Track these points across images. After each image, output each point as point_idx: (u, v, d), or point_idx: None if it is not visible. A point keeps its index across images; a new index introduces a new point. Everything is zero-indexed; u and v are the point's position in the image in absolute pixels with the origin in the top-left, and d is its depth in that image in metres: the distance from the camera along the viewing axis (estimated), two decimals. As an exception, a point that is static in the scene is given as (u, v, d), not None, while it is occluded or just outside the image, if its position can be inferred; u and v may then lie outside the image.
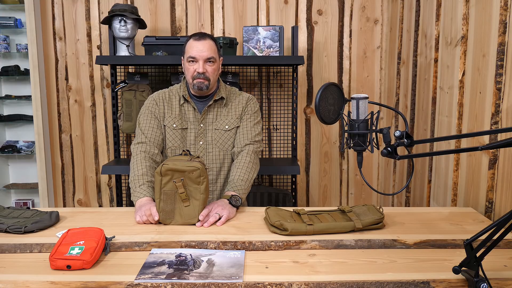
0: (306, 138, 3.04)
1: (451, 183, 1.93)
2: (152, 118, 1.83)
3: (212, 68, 1.75)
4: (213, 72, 1.76)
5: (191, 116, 1.84)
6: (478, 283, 0.98)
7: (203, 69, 1.73)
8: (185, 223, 1.44)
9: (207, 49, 1.73)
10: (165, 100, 1.85)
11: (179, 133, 1.83)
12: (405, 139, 1.09)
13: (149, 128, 1.81)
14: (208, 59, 1.73)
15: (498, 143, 0.92)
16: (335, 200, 3.11)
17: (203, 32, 1.79)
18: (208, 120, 1.84)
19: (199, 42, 1.73)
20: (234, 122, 1.86)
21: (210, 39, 1.76)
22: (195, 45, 1.73)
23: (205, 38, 1.75)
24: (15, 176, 3.12)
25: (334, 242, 1.29)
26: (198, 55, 1.72)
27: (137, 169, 1.68)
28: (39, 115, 2.86)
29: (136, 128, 1.85)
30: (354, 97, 1.17)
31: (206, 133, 1.84)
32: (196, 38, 1.75)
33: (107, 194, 3.11)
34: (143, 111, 1.86)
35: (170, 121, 1.83)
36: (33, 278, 1.08)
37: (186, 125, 1.84)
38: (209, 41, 1.75)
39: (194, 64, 1.74)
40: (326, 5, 2.92)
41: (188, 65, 1.76)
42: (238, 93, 1.92)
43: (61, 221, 1.49)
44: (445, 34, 2.04)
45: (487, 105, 1.63)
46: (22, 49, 2.94)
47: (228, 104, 1.87)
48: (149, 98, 1.89)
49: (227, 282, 1.06)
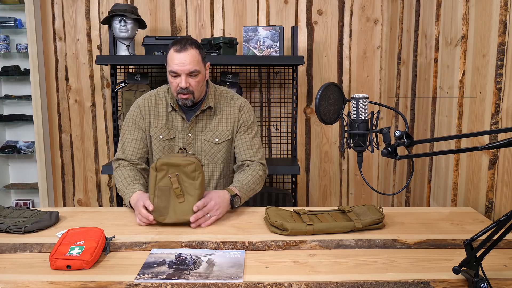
0: (306, 138, 3.04)
1: (451, 183, 1.93)
2: (136, 130, 1.74)
3: (195, 81, 1.64)
4: (197, 84, 1.66)
5: (179, 125, 1.75)
6: (478, 283, 0.98)
7: (186, 84, 1.62)
8: (179, 220, 1.41)
9: (189, 61, 1.60)
10: (151, 108, 1.75)
11: (166, 144, 1.75)
12: (405, 139, 1.09)
13: (131, 142, 1.73)
14: (190, 72, 1.62)
15: (498, 143, 0.92)
16: (335, 200, 3.11)
17: (185, 39, 1.65)
18: (197, 129, 1.75)
19: (181, 54, 1.60)
20: (225, 134, 1.76)
21: (193, 47, 1.63)
22: (176, 57, 1.61)
23: (187, 48, 1.61)
24: (15, 176, 3.12)
25: (334, 242, 1.29)
26: (179, 69, 1.61)
27: (120, 177, 1.66)
28: (39, 115, 2.86)
29: (120, 138, 1.77)
30: (354, 97, 1.17)
31: (195, 143, 1.76)
32: (177, 48, 1.61)
33: (107, 194, 3.11)
34: (127, 121, 1.77)
35: (156, 131, 1.74)
36: (33, 278, 1.08)
37: (174, 134, 1.75)
38: (191, 51, 1.61)
39: (176, 78, 1.64)
40: (326, 5, 2.92)
41: (171, 79, 1.66)
42: (230, 96, 1.80)
43: (61, 221, 1.49)
44: (445, 34, 2.04)
45: (487, 105, 1.63)
46: (22, 49, 2.94)
47: (217, 112, 1.77)
48: (134, 104, 1.79)
49: (227, 282, 1.06)
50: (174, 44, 1.64)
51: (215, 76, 2.93)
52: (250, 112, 1.81)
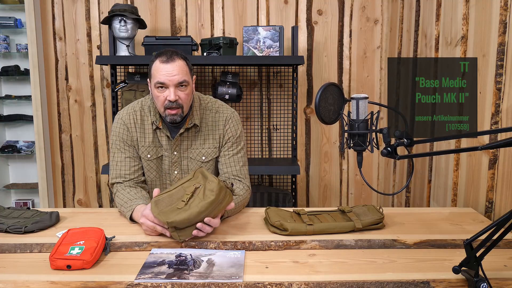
0: (306, 138, 3.04)
1: (451, 183, 1.93)
2: (126, 148, 1.63)
3: (185, 94, 1.53)
4: (187, 97, 1.54)
5: (164, 143, 1.64)
6: (478, 283, 0.98)
7: (175, 96, 1.50)
8: (164, 218, 1.26)
9: (177, 71, 1.49)
10: (137, 124, 1.63)
11: (154, 164, 1.65)
12: (405, 139, 1.09)
13: (124, 161, 1.62)
14: (180, 83, 1.50)
15: (498, 143, 0.92)
16: (335, 200, 3.11)
17: (171, 51, 1.54)
18: (182, 147, 1.64)
19: (168, 65, 1.49)
20: (212, 152, 1.66)
21: (180, 58, 1.52)
22: (164, 68, 1.49)
23: (174, 59, 1.50)
24: (15, 176, 3.12)
25: (334, 242, 1.29)
26: (167, 80, 1.49)
27: (121, 200, 1.54)
28: (39, 115, 2.86)
29: (110, 159, 1.66)
30: (354, 97, 1.17)
31: (181, 161, 1.65)
32: (164, 59, 1.50)
33: (107, 194, 3.11)
34: (114, 140, 1.65)
35: (143, 151, 1.64)
36: (33, 278, 1.08)
37: (161, 152, 1.65)
38: (178, 62, 1.50)
39: (164, 91, 1.51)
40: (326, 5, 2.91)
41: (157, 92, 1.52)
42: (215, 109, 1.67)
43: (61, 221, 1.49)
44: (445, 34, 2.04)
45: (487, 105, 1.63)
46: (22, 49, 2.94)
47: (203, 128, 1.65)
48: (118, 120, 1.65)
49: (227, 282, 1.06)
50: (159, 55, 1.52)
51: (215, 76, 2.93)
52: (237, 126, 1.68)
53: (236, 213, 1.57)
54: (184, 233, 1.27)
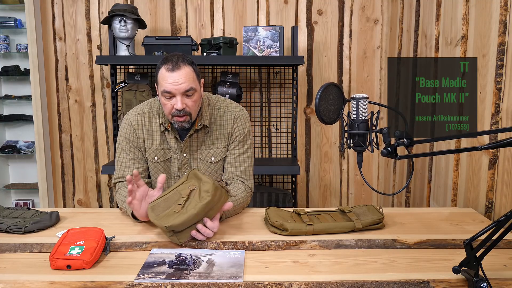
0: (306, 138, 3.04)
1: (451, 183, 1.93)
2: (132, 149, 1.62)
3: (192, 101, 1.50)
4: (194, 104, 1.52)
5: (173, 145, 1.63)
6: (478, 283, 0.98)
7: (182, 105, 1.47)
8: (159, 223, 1.26)
9: (184, 79, 1.46)
10: (144, 126, 1.62)
11: (161, 166, 1.64)
12: (405, 139, 1.09)
13: (129, 162, 1.61)
14: (186, 91, 1.47)
15: (498, 143, 0.92)
16: (335, 200, 3.11)
17: (176, 56, 1.50)
18: (192, 148, 1.64)
19: (174, 73, 1.45)
20: (221, 152, 1.65)
21: (186, 64, 1.48)
22: (169, 76, 1.46)
23: (179, 66, 1.46)
24: (15, 176, 3.12)
25: (334, 242, 1.29)
26: (174, 89, 1.46)
27: (122, 198, 1.54)
28: (39, 115, 2.86)
29: (116, 159, 1.65)
30: (354, 97, 1.17)
31: (191, 162, 1.65)
32: (169, 68, 1.46)
33: (107, 194, 3.11)
34: (120, 140, 1.63)
35: (151, 153, 1.63)
36: (33, 278, 1.08)
37: (169, 155, 1.64)
38: (185, 69, 1.47)
39: (170, 100, 1.49)
40: (326, 5, 2.91)
41: (164, 100, 1.50)
42: (223, 108, 1.66)
43: (61, 221, 1.49)
44: (445, 34, 2.04)
45: (487, 105, 1.63)
46: (22, 49, 2.94)
47: (212, 129, 1.64)
48: (126, 120, 1.64)
49: (227, 282, 1.06)
50: (165, 62, 1.48)
51: (215, 76, 2.93)
52: (245, 124, 1.66)
53: (236, 214, 1.57)
54: (183, 235, 1.27)
